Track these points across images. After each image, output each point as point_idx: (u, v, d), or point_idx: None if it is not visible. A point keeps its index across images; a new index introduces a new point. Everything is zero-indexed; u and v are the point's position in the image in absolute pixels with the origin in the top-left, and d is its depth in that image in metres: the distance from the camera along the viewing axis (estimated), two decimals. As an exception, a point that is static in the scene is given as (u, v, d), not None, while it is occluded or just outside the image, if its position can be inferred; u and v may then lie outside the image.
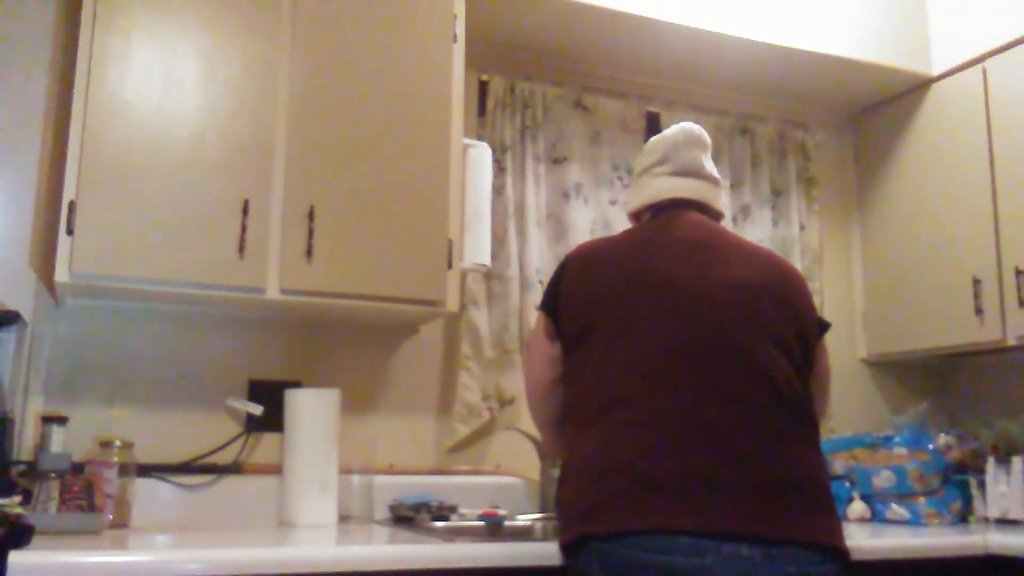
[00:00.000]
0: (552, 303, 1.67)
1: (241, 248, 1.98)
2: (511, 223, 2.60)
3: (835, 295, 3.13)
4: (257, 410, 2.24)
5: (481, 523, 2.11)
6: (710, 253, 1.58)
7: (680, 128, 1.73)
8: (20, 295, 2.08)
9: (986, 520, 2.39)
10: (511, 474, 2.51)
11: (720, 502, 1.37)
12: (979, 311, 2.67)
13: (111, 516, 1.89)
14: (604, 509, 1.41)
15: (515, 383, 2.57)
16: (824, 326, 1.68)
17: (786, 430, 1.46)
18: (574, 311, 1.61)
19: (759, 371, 1.47)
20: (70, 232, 1.85)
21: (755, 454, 1.41)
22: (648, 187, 1.73)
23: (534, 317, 2.59)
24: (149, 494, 2.12)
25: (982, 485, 2.42)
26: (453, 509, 2.21)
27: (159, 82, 1.96)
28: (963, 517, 2.40)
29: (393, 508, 2.22)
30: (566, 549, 1.51)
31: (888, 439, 2.48)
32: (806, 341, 1.60)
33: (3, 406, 1.91)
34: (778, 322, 1.54)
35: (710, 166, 1.74)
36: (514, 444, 2.56)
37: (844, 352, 3.10)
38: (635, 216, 1.80)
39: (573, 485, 1.49)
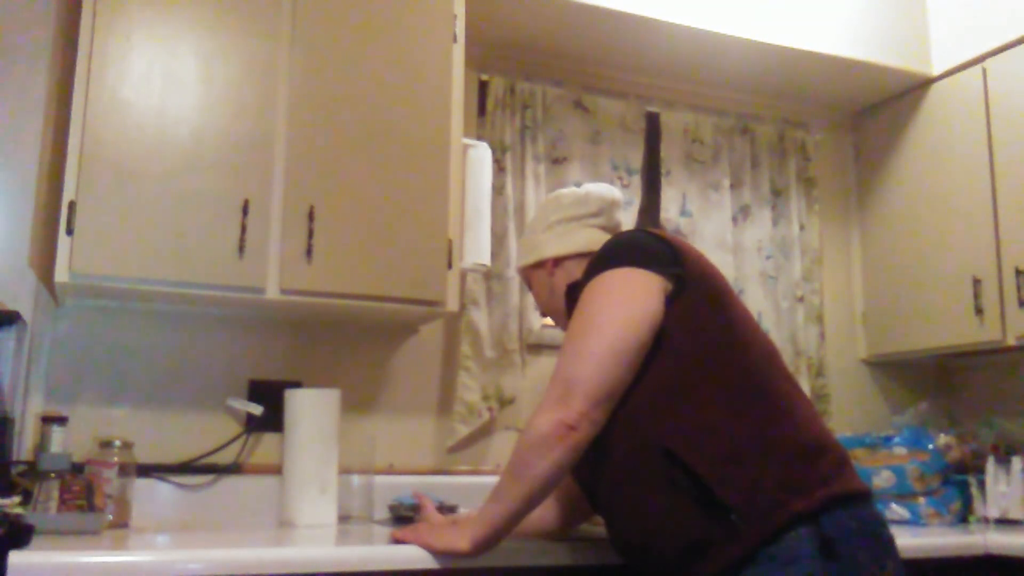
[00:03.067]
0: (676, 262, 1.46)
1: (241, 248, 1.97)
2: (511, 223, 2.60)
3: (835, 295, 3.13)
4: (257, 410, 2.24)
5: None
6: None
7: (608, 188, 1.79)
8: (20, 295, 2.07)
9: (986, 520, 2.40)
10: (511, 474, 2.51)
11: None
12: (979, 311, 2.67)
13: (111, 516, 1.89)
14: (839, 477, 1.39)
15: (515, 383, 2.57)
16: None
17: None
18: (711, 279, 1.48)
19: None
20: (70, 232, 1.85)
21: None
22: (581, 235, 1.72)
23: (534, 317, 2.59)
24: (149, 494, 2.12)
25: (982, 485, 2.42)
26: (453, 509, 2.21)
27: (159, 82, 1.96)
28: (963, 517, 2.41)
29: (393, 508, 2.22)
30: (796, 522, 1.32)
31: (888, 439, 2.48)
32: None
33: (3, 406, 1.91)
34: None
35: None
36: (514, 444, 2.56)
37: (844, 352, 3.10)
38: (556, 260, 1.71)
39: (779, 459, 1.36)
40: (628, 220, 2.78)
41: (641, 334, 1.40)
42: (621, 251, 1.49)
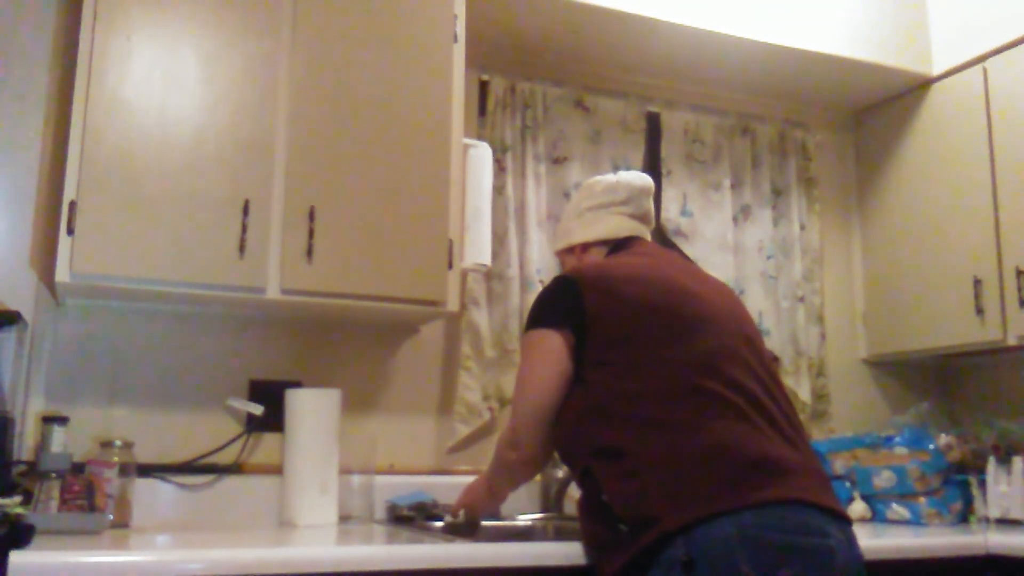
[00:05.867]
0: (576, 319, 1.65)
1: (241, 248, 1.98)
2: (511, 223, 2.60)
3: (835, 295, 3.13)
4: (257, 410, 2.24)
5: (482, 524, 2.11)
6: (696, 271, 1.79)
7: (640, 176, 1.92)
8: (20, 295, 2.07)
9: (987, 520, 2.39)
10: (511, 474, 2.51)
11: (811, 483, 1.48)
12: (979, 311, 2.67)
13: (111, 516, 1.89)
14: (727, 490, 1.42)
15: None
16: None
17: (797, 419, 1.64)
18: (613, 324, 1.61)
19: (772, 368, 1.67)
20: (70, 232, 1.85)
21: (800, 441, 1.56)
22: (607, 222, 1.88)
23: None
24: (149, 494, 2.12)
25: (983, 485, 2.42)
26: (448, 509, 2.21)
27: (159, 82, 1.96)
28: (964, 517, 2.40)
29: (391, 508, 2.22)
30: (669, 536, 1.42)
31: (889, 439, 2.48)
32: None
33: (3, 406, 1.91)
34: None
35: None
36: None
37: (844, 352, 3.10)
38: (584, 246, 1.88)
39: (662, 474, 1.46)
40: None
41: (551, 393, 1.66)
42: (535, 311, 1.73)
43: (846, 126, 3.25)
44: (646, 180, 1.91)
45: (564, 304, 1.68)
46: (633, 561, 1.46)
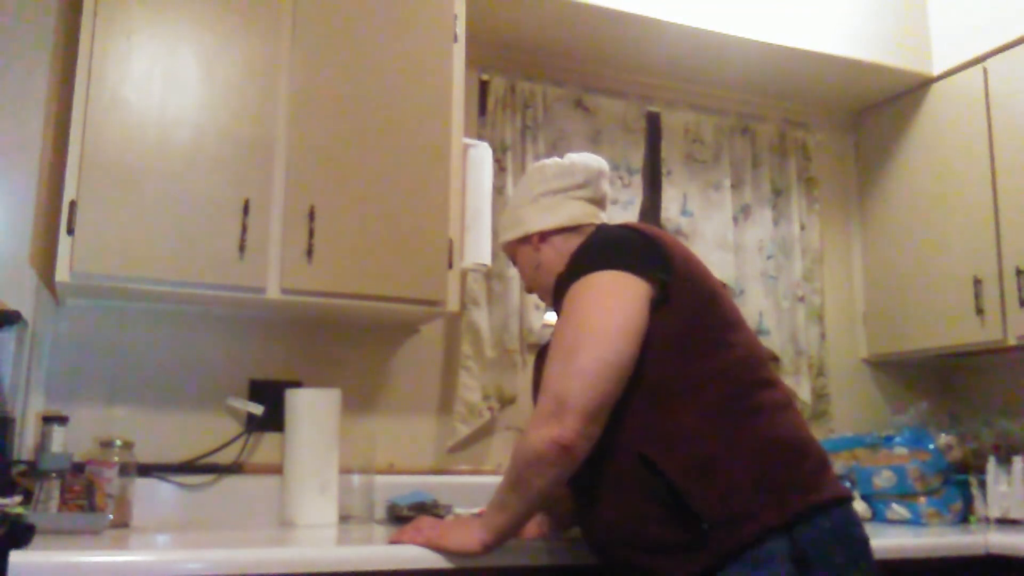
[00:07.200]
0: (663, 267, 1.42)
1: (241, 248, 1.98)
2: (511, 223, 2.59)
3: (835, 295, 3.13)
4: (258, 410, 2.24)
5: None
6: None
7: (594, 158, 1.74)
8: (21, 295, 2.07)
9: (987, 520, 2.40)
10: (511, 474, 2.51)
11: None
12: (980, 311, 2.67)
13: (111, 516, 1.89)
14: (813, 484, 1.39)
15: (515, 383, 2.57)
16: None
17: None
18: (691, 293, 1.43)
19: None
20: (70, 232, 1.85)
21: None
22: (567, 208, 1.69)
23: (534, 317, 2.59)
24: (150, 494, 2.12)
25: (983, 485, 2.42)
26: (449, 509, 2.21)
27: (159, 82, 1.96)
28: (964, 517, 2.41)
29: (390, 508, 2.21)
30: (769, 531, 1.33)
31: (889, 439, 2.48)
32: None
33: (3, 406, 1.91)
34: None
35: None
36: (512, 452, 2.56)
37: (844, 352, 3.10)
38: (543, 235, 1.68)
39: (751, 465, 1.35)
40: (629, 220, 2.77)
41: (631, 346, 1.38)
42: (609, 252, 1.45)
43: (846, 126, 3.25)
44: (601, 162, 1.74)
45: (648, 252, 1.44)
46: (717, 560, 1.33)
